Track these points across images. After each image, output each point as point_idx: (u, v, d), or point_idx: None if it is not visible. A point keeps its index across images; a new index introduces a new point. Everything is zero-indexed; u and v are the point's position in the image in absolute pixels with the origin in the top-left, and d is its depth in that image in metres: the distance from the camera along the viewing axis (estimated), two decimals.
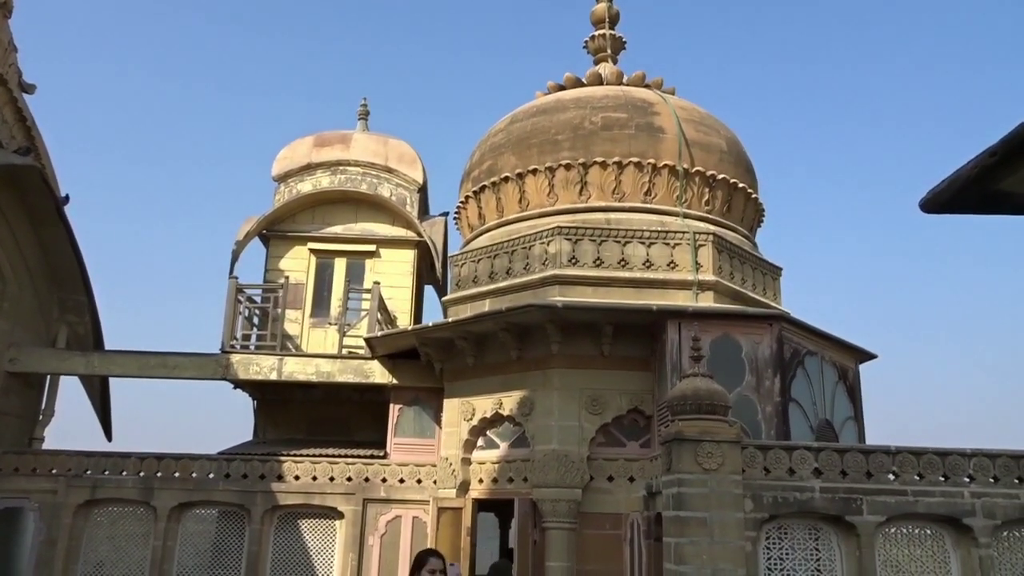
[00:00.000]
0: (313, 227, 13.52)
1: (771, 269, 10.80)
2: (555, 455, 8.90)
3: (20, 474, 10.51)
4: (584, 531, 8.79)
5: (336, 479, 10.58)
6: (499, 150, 11.10)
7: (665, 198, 10.31)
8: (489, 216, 11.09)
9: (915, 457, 6.89)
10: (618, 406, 9.08)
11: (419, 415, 11.05)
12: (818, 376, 9.24)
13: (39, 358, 11.19)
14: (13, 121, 11.05)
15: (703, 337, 7.80)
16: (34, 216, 11.06)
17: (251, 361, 11.33)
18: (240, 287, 11.86)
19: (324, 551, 10.50)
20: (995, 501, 6.74)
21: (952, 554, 6.81)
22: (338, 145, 13.93)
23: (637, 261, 9.66)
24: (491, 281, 10.31)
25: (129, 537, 10.54)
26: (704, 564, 6.35)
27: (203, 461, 10.65)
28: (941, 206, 2.22)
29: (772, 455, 6.85)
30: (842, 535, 6.73)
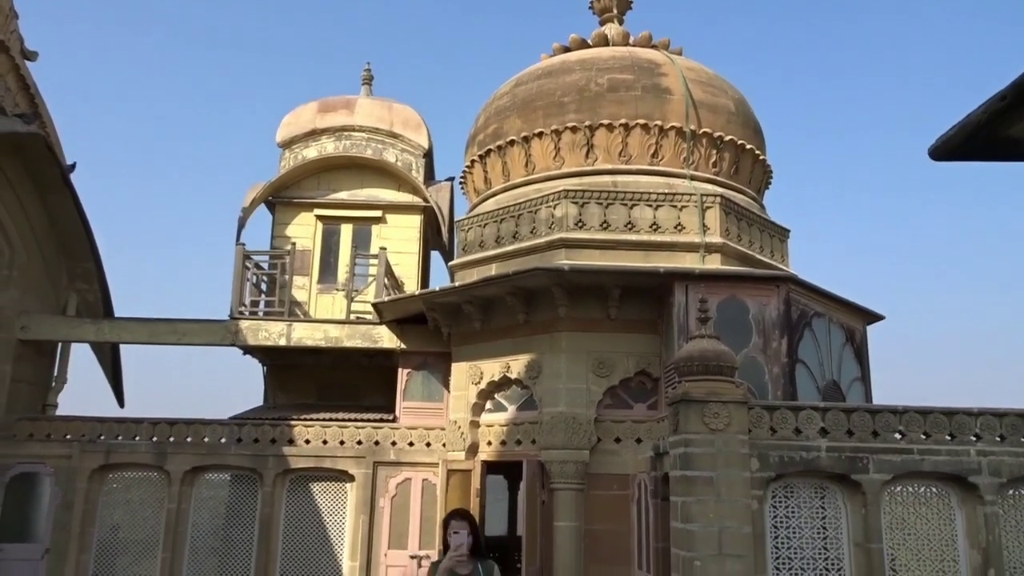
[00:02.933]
0: (319, 193, 13.51)
1: (779, 231, 10.75)
2: (563, 417, 8.96)
3: (35, 440, 10.66)
4: (592, 491, 8.89)
5: (346, 443, 10.70)
6: (504, 113, 11.02)
7: (672, 160, 10.24)
8: (495, 180, 11.05)
9: (921, 416, 6.92)
10: (625, 368, 9.12)
11: (427, 379, 11.13)
12: (825, 337, 9.25)
13: (50, 326, 11.28)
14: (16, 89, 11.00)
15: (710, 299, 7.80)
16: (40, 184, 11.07)
17: (260, 327, 11.40)
18: (247, 254, 11.89)
19: (335, 513, 10.66)
20: (1001, 459, 6.78)
21: (957, 512, 6.86)
22: (342, 111, 13.85)
23: (644, 224, 9.63)
24: (497, 245, 10.30)
25: (144, 502, 10.72)
26: (711, 522, 6.42)
27: (215, 426, 10.78)
28: (950, 153, 2.19)
29: (778, 415, 6.89)
30: (848, 493, 6.79)
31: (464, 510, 4.64)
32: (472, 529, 4.19)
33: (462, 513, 4.35)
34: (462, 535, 4.14)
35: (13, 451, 10.57)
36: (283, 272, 12.30)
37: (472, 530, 4.18)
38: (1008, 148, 2.13)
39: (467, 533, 4.15)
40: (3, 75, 10.70)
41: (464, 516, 4.29)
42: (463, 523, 4.18)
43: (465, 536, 4.15)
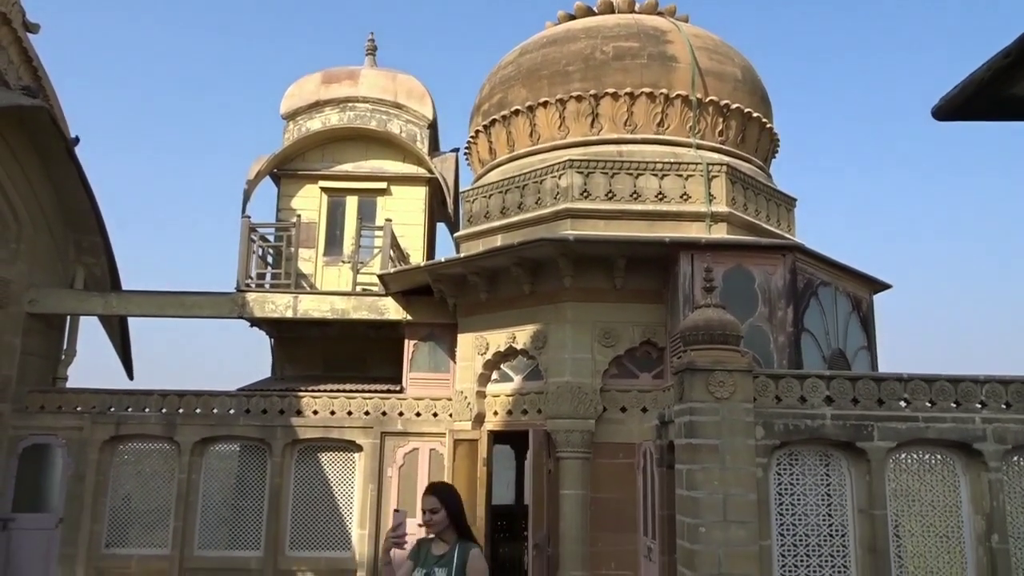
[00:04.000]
0: (323, 165, 13.48)
1: (785, 200, 10.69)
2: (568, 387, 9.00)
3: (46, 412, 10.78)
4: (597, 460, 8.95)
5: (354, 413, 10.79)
6: (509, 83, 10.93)
7: (678, 129, 10.17)
8: (500, 150, 10.99)
9: (927, 384, 6.92)
10: (631, 338, 9.13)
11: (434, 350, 11.17)
12: (831, 306, 9.24)
13: (58, 299, 11.35)
14: (19, 62, 10.97)
15: (716, 268, 7.78)
16: (45, 158, 11.07)
17: (266, 299, 11.44)
18: (253, 226, 11.90)
19: (344, 482, 10.78)
20: (1006, 426, 6.78)
21: (962, 479, 6.89)
22: (346, 81, 13.76)
23: (650, 193, 9.58)
24: (503, 216, 10.28)
25: (155, 473, 10.86)
26: (716, 489, 6.46)
27: (223, 397, 10.88)
28: (954, 112, 2.16)
29: (784, 383, 6.90)
30: (852, 461, 6.81)
31: (438, 484, 4.18)
32: (447, 506, 3.85)
33: (434, 488, 4.00)
34: (429, 516, 3.83)
35: (25, 423, 10.70)
36: (289, 244, 12.31)
37: (447, 507, 3.85)
38: (1012, 107, 2.10)
39: (441, 511, 3.82)
40: (5, 48, 10.65)
41: (435, 491, 3.94)
42: (432, 499, 3.85)
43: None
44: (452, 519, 3.86)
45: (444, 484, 4.28)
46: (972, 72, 2.07)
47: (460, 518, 3.90)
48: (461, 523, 3.90)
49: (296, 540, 10.55)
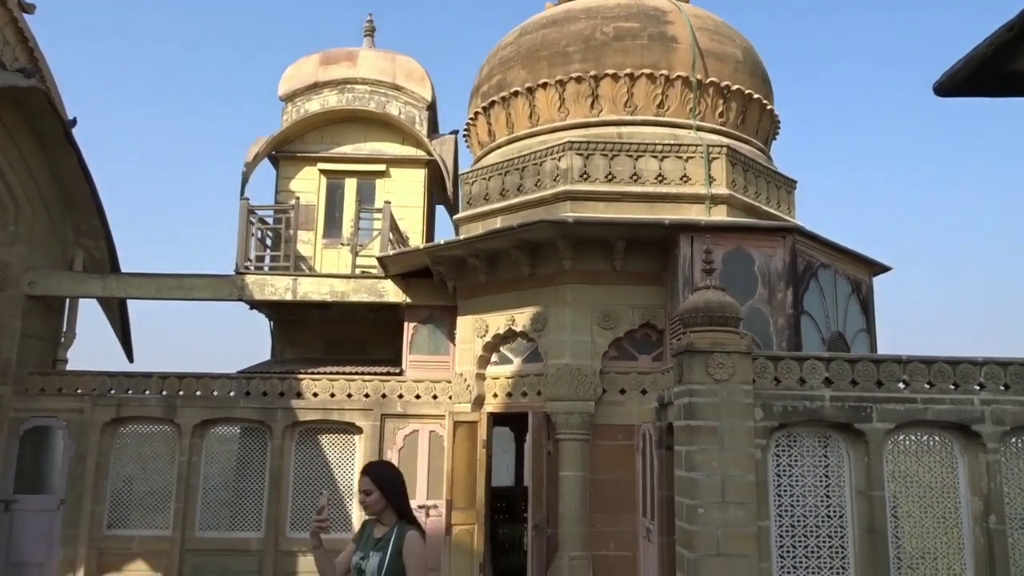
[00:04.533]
0: (322, 147, 13.43)
1: (785, 182, 10.66)
2: (568, 369, 9.01)
3: (46, 394, 10.80)
4: (597, 442, 8.98)
5: (354, 396, 10.81)
6: (508, 64, 10.87)
7: (678, 110, 10.12)
8: (499, 132, 10.94)
9: (926, 366, 6.92)
10: (630, 321, 9.14)
11: (433, 333, 11.18)
12: (831, 289, 9.23)
13: (57, 281, 11.34)
14: (15, 42, 10.89)
15: (715, 250, 7.77)
16: (42, 140, 11.02)
17: (266, 282, 11.44)
18: (251, 208, 11.87)
19: (344, 464, 10.82)
20: (1004, 408, 6.80)
21: (960, 460, 6.91)
22: (345, 63, 13.69)
23: (649, 175, 9.55)
24: (502, 198, 10.25)
25: (156, 455, 10.91)
26: (714, 470, 6.49)
27: (223, 380, 10.90)
28: (956, 88, 2.13)
29: (783, 365, 6.90)
30: (851, 442, 6.83)
31: (374, 464, 3.99)
32: (381, 487, 3.69)
33: (369, 468, 3.83)
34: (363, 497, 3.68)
35: (26, 405, 10.73)
36: (288, 227, 12.28)
37: (382, 488, 3.69)
38: (1015, 83, 2.08)
39: (375, 493, 3.68)
40: (1, 28, 10.58)
41: (370, 472, 3.77)
42: (366, 480, 3.70)
43: (374, 497, 3.68)
44: (389, 501, 3.70)
45: (381, 464, 4.09)
46: (975, 47, 2.05)
47: (398, 499, 3.72)
48: (400, 505, 3.72)
49: (297, 521, 10.61)
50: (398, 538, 3.61)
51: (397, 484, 3.76)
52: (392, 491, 3.71)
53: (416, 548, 3.60)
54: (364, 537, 3.76)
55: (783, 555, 6.63)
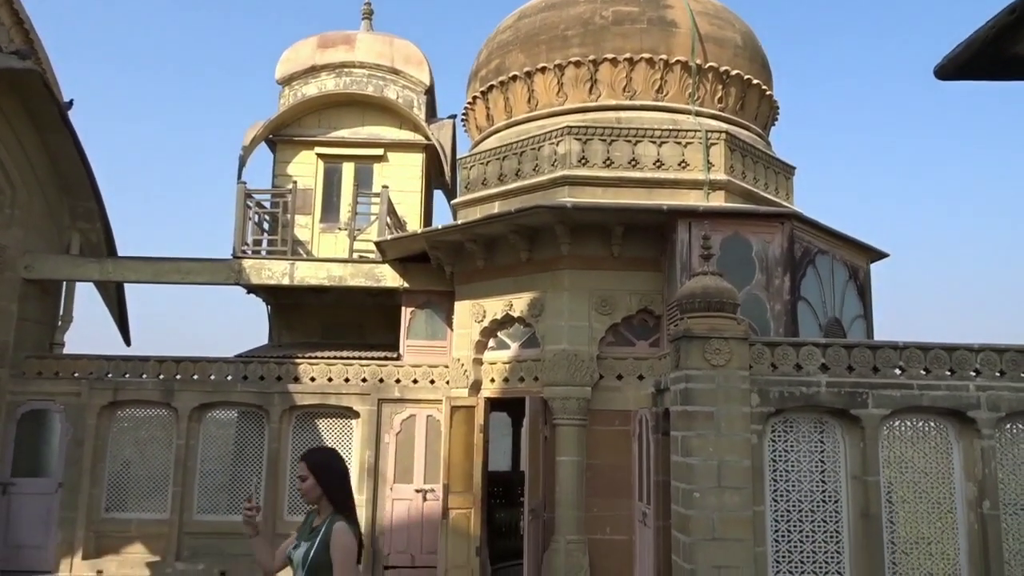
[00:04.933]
0: (319, 131, 13.37)
1: (784, 168, 10.64)
2: (565, 355, 9.02)
3: (44, 377, 10.81)
4: (594, 427, 9.00)
5: (351, 380, 10.82)
6: (507, 48, 10.81)
7: (677, 96, 10.07)
8: (497, 117, 10.90)
9: (922, 352, 6.94)
10: (628, 306, 9.14)
11: (431, 318, 11.18)
12: (828, 275, 9.24)
13: (53, 265, 11.31)
14: (10, 24, 10.81)
15: (713, 236, 7.77)
16: (38, 122, 10.96)
17: (263, 266, 11.42)
18: (248, 192, 11.83)
19: (341, 448, 10.82)
20: (1000, 394, 6.82)
21: (955, 446, 6.94)
22: (342, 46, 13.61)
23: (648, 161, 9.52)
24: (500, 183, 10.22)
25: (153, 439, 10.93)
26: (710, 456, 6.51)
27: (221, 364, 10.91)
28: (957, 71, 2.12)
29: (779, 351, 6.92)
30: (847, 428, 6.86)
31: (313, 450, 3.80)
32: (316, 474, 3.55)
33: (306, 454, 3.67)
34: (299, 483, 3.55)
35: (23, 388, 10.74)
36: (285, 211, 12.25)
37: (316, 475, 3.54)
38: (1016, 66, 2.06)
39: (310, 479, 3.54)
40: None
41: (306, 458, 3.62)
42: (302, 466, 3.56)
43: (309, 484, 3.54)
44: (324, 489, 3.53)
45: (320, 450, 3.87)
46: (976, 30, 2.03)
47: (333, 488, 3.55)
48: (335, 494, 3.55)
49: (294, 505, 10.64)
50: (327, 530, 3.45)
51: (334, 472, 3.60)
52: (328, 479, 3.55)
53: (342, 540, 3.43)
54: (304, 526, 3.65)
55: (778, 539, 6.67)
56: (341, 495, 3.56)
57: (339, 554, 3.39)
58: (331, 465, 3.63)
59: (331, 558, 3.39)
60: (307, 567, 3.43)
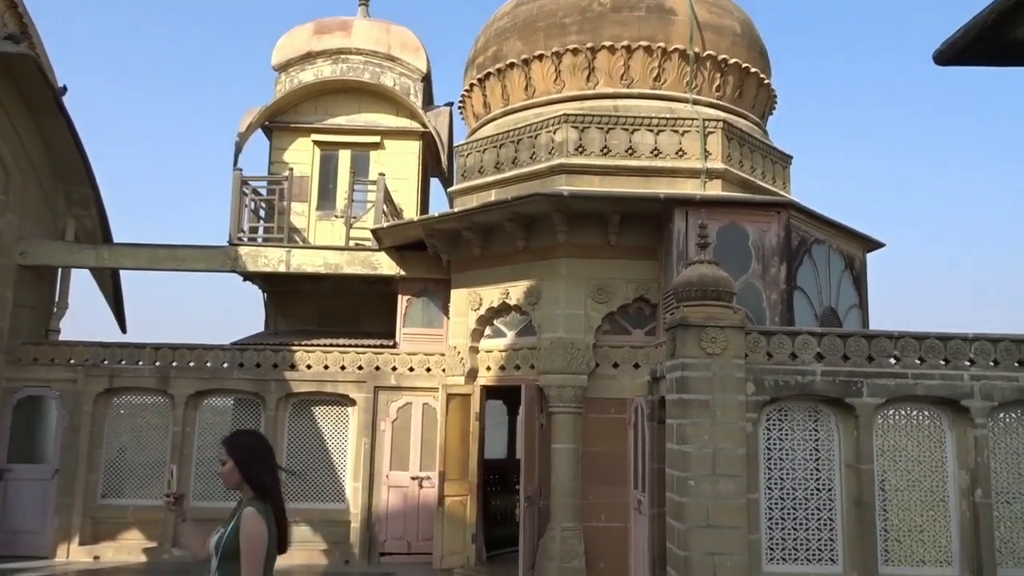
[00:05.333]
0: (316, 118, 13.32)
1: (781, 157, 10.64)
2: (561, 343, 9.04)
3: (39, 364, 10.79)
4: (589, 415, 9.03)
5: (347, 368, 10.83)
6: (504, 35, 10.76)
7: (675, 84, 10.05)
8: (494, 104, 10.87)
9: (917, 341, 6.97)
10: (624, 295, 9.15)
11: (427, 306, 11.18)
12: (824, 264, 9.26)
13: (49, 251, 11.28)
14: (4, 8, 10.72)
15: (710, 225, 7.77)
16: (32, 108, 10.90)
17: (259, 253, 11.40)
18: (244, 179, 11.79)
19: (338, 436, 10.87)
20: (993, 384, 6.85)
21: (948, 434, 6.98)
22: (339, 32, 13.53)
23: (645, 149, 9.51)
24: (497, 171, 10.20)
25: (149, 426, 10.93)
26: (705, 444, 6.54)
27: (217, 351, 10.90)
28: (956, 57, 2.12)
29: (775, 340, 6.94)
30: (841, 416, 6.89)
31: (234, 432, 3.67)
32: (234, 456, 3.43)
33: (227, 437, 3.55)
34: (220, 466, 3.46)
35: (19, 375, 10.72)
36: (281, 198, 12.22)
37: (234, 457, 3.43)
38: (1015, 51, 2.06)
39: (229, 462, 3.43)
40: None
41: (226, 440, 3.51)
42: (222, 449, 3.46)
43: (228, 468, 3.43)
44: (243, 473, 3.41)
45: (241, 433, 3.69)
46: (975, 15, 2.03)
47: (252, 472, 3.42)
48: (253, 478, 3.41)
49: (290, 492, 10.62)
50: (239, 516, 3.34)
51: (254, 455, 3.46)
52: (246, 463, 3.42)
53: (250, 524, 3.28)
54: (234, 512, 3.53)
55: (772, 527, 6.72)
56: (260, 480, 3.42)
57: (244, 541, 3.26)
58: (250, 446, 3.50)
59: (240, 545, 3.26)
60: (219, 554, 3.34)
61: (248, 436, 3.63)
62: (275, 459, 3.55)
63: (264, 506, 3.37)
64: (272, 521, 3.36)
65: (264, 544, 3.29)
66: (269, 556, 3.32)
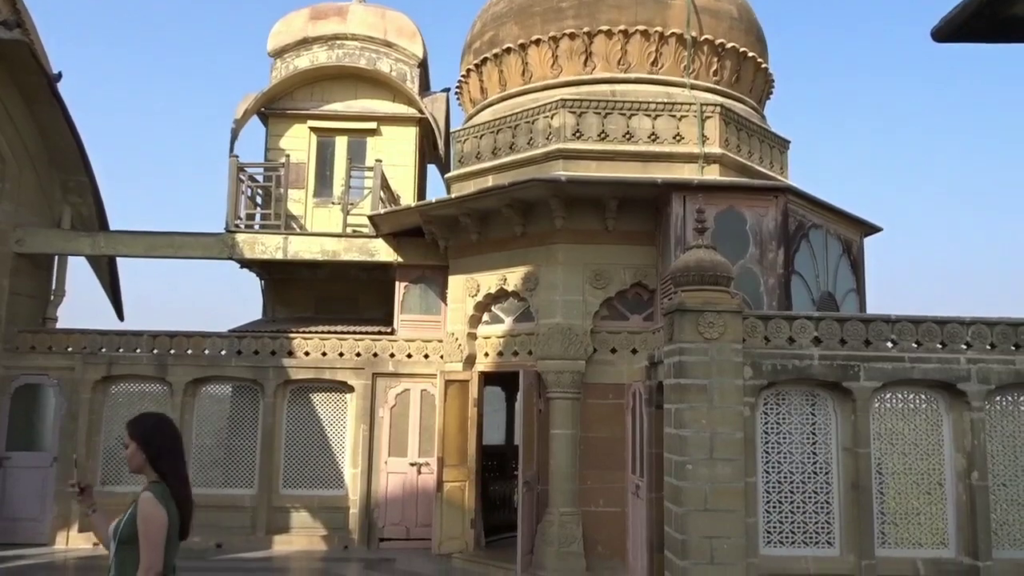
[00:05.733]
0: (312, 105, 13.27)
1: (779, 142, 10.61)
2: (559, 329, 9.04)
3: (37, 352, 10.79)
4: (587, 400, 9.05)
5: (345, 354, 10.83)
6: (501, 20, 10.70)
7: (672, 68, 10.01)
8: (491, 90, 10.82)
9: (914, 325, 6.97)
10: (622, 280, 9.15)
11: (425, 292, 11.18)
12: (822, 249, 9.25)
13: (45, 239, 11.25)
14: None
15: (708, 210, 7.75)
16: (27, 95, 10.84)
17: (256, 240, 11.38)
18: (241, 166, 11.74)
19: (336, 422, 10.89)
20: (990, 367, 6.87)
21: (945, 418, 7.00)
22: (334, 18, 13.45)
23: (642, 134, 9.48)
24: (494, 157, 10.17)
25: None
26: (703, 428, 6.55)
27: (215, 338, 10.90)
28: (954, 33, 2.11)
29: (773, 324, 6.94)
30: (838, 400, 6.90)
31: (141, 415, 3.52)
32: (136, 439, 3.34)
33: (131, 420, 3.44)
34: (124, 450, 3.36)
35: (16, 363, 10.72)
36: (278, 185, 12.19)
37: (136, 440, 3.33)
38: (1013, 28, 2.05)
39: (132, 445, 3.33)
40: None
41: (129, 423, 3.41)
42: (125, 432, 3.38)
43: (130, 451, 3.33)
44: (147, 456, 3.31)
45: (144, 416, 3.53)
46: None
47: (155, 456, 3.32)
48: (156, 462, 3.31)
49: (289, 478, 10.70)
50: (137, 499, 3.26)
51: (155, 438, 3.35)
52: (149, 446, 3.32)
53: (146, 509, 3.20)
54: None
55: (769, 510, 6.74)
56: (164, 463, 3.32)
57: (142, 525, 3.18)
58: (153, 429, 3.39)
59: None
60: (117, 539, 3.27)
61: (151, 419, 3.49)
62: (180, 443, 3.45)
63: (164, 490, 3.28)
64: (173, 506, 3.27)
65: (162, 529, 3.19)
66: (171, 542, 3.24)
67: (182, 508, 3.32)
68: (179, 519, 3.30)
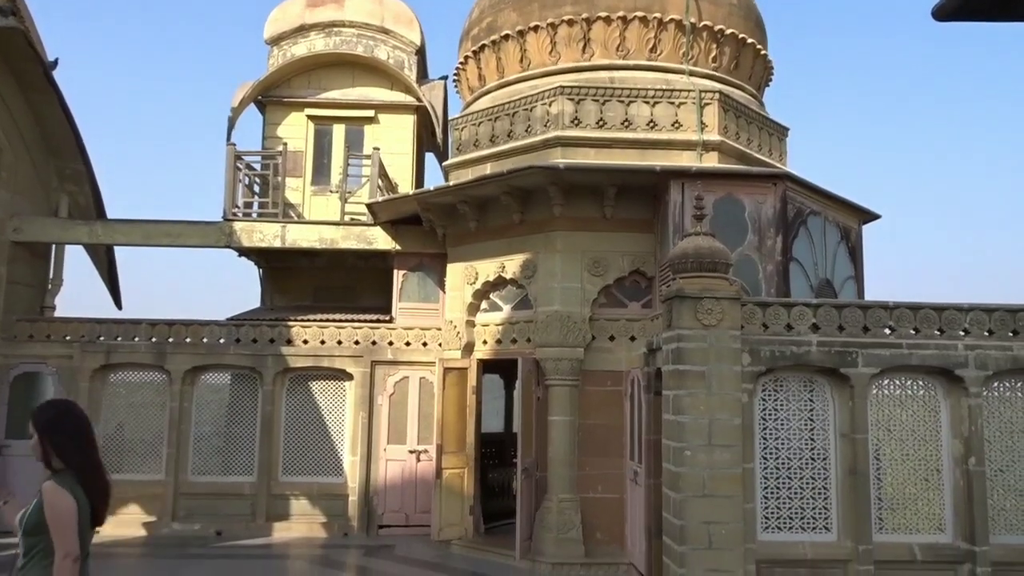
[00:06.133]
0: (309, 92, 13.22)
1: (777, 129, 10.59)
2: (558, 316, 9.05)
3: (35, 340, 10.79)
4: (586, 387, 9.07)
5: (344, 342, 10.84)
6: (499, 6, 10.65)
7: (671, 55, 9.98)
8: (489, 77, 10.78)
9: (912, 312, 6.98)
10: (620, 268, 9.15)
11: (423, 280, 11.17)
12: (820, 236, 9.25)
13: (42, 227, 11.22)
14: None
15: (706, 197, 7.74)
16: (23, 83, 10.79)
17: (254, 229, 11.36)
18: (238, 154, 11.72)
19: (335, 410, 10.90)
20: (988, 353, 6.88)
21: (942, 404, 7.01)
22: (331, 5, 13.39)
23: (641, 121, 9.46)
24: (492, 144, 10.14)
25: (147, 402, 10.95)
26: (701, 414, 6.56)
27: (213, 327, 10.89)
28: (955, 11, 2.09)
29: (771, 311, 6.94)
30: (836, 386, 6.91)
31: (44, 404, 3.40)
32: (37, 428, 3.24)
33: (34, 410, 3.32)
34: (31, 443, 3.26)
35: (15, 351, 10.72)
36: (275, 173, 12.15)
37: (37, 429, 3.24)
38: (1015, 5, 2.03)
39: (35, 435, 3.25)
40: None
41: (33, 414, 3.29)
42: (29, 423, 3.26)
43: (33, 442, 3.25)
44: (50, 445, 3.22)
45: (48, 404, 3.43)
46: None
47: (58, 445, 3.22)
48: (60, 450, 3.22)
49: (289, 466, 10.72)
50: (40, 489, 3.20)
51: (58, 427, 3.25)
52: (51, 436, 3.23)
53: (51, 499, 3.14)
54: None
55: (767, 496, 6.76)
56: (69, 453, 3.24)
57: (49, 512, 3.14)
58: (55, 419, 3.28)
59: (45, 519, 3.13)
60: (23, 529, 3.21)
61: (52, 408, 3.37)
62: (86, 430, 3.34)
63: (68, 478, 3.21)
64: (81, 492, 3.19)
65: (71, 515, 3.15)
66: (82, 530, 3.18)
67: (93, 496, 3.25)
68: (90, 506, 3.23)
